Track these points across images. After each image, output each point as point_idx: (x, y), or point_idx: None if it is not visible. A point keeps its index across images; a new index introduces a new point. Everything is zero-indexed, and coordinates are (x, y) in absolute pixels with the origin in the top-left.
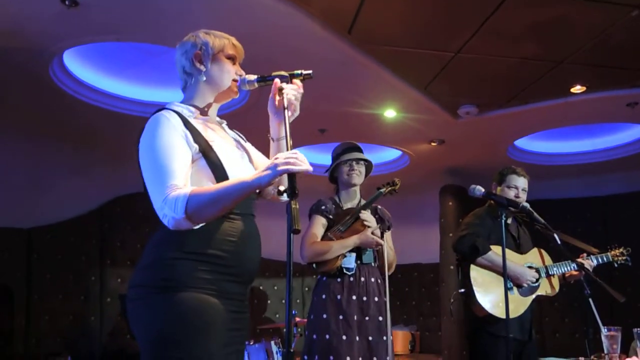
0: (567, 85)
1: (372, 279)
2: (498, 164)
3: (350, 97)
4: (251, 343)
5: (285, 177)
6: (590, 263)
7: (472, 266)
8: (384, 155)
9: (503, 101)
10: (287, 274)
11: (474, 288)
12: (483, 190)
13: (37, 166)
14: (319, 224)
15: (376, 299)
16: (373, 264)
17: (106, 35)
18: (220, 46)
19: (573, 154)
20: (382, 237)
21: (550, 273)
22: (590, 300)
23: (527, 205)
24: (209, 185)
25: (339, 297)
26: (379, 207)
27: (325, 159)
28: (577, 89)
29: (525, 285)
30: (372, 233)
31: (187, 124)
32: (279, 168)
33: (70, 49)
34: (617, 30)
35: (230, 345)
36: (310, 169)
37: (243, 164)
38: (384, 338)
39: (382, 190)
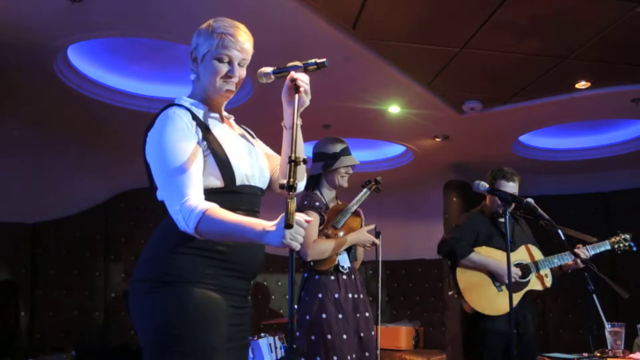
0: (572, 81)
1: (358, 276)
2: (502, 159)
3: (354, 93)
4: (255, 338)
5: (285, 169)
6: (585, 252)
7: (458, 267)
8: (388, 151)
9: (507, 97)
10: (290, 269)
11: (461, 288)
12: (487, 185)
13: (42, 161)
14: (316, 221)
15: (362, 296)
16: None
17: (110, 31)
18: (209, 47)
19: (577, 149)
20: (377, 236)
21: (540, 268)
22: (594, 296)
23: (531, 201)
24: (215, 182)
25: (336, 295)
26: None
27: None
28: (582, 84)
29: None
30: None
31: (196, 120)
32: (285, 242)
33: (74, 44)
34: (622, 26)
35: (233, 341)
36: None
37: (250, 160)
38: (372, 333)
39: (367, 188)
